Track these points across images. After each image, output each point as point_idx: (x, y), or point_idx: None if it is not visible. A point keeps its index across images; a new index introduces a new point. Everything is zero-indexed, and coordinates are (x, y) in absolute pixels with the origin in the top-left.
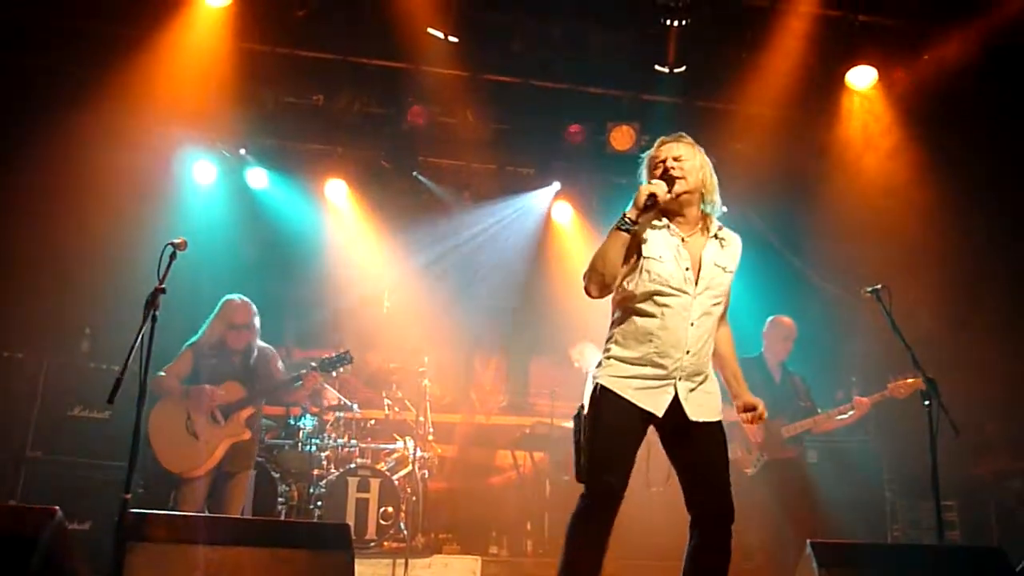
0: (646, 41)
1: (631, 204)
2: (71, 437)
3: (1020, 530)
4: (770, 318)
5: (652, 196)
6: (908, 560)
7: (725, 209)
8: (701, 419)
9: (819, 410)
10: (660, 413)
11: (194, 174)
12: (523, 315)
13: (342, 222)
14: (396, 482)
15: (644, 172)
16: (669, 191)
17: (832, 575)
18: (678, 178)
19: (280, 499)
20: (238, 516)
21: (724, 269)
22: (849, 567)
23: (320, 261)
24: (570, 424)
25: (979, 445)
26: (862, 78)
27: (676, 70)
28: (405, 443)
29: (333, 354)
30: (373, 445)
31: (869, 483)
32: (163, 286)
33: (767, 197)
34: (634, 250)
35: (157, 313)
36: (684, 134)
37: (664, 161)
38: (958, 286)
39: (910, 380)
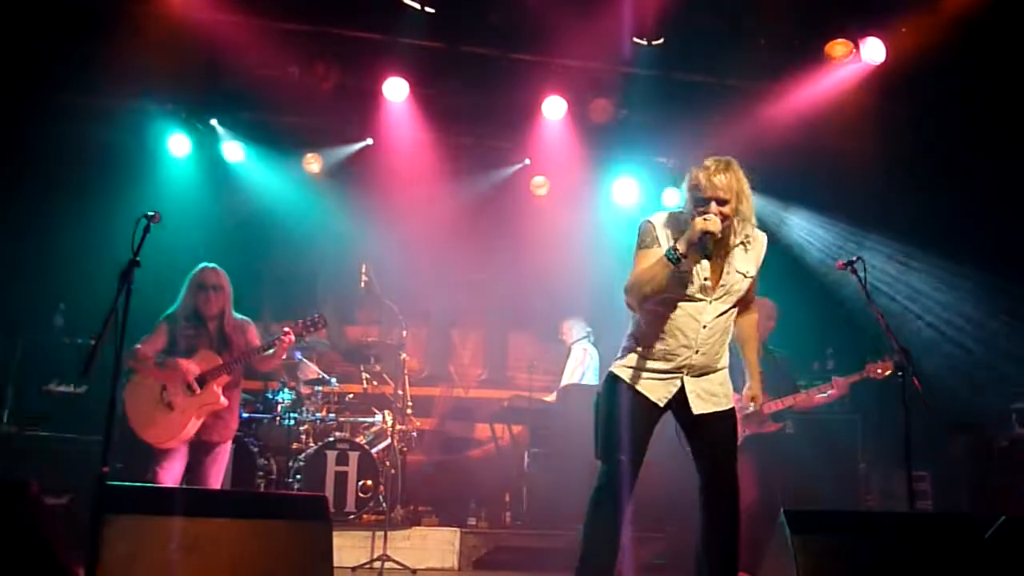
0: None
1: (684, 237)
2: (47, 412)
3: (990, 500)
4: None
5: (707, 234)
6: (878, 526)
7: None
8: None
9: (800, 388)
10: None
11: (169, 147)
12: (501, 289)
13: (319, 196)
14: (375, 455)
15: (687, 195)
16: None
17: (805, 542)
18: (724, 222)
19: (259, 473)
20: (216, 488)
21: (745, 275)
22: (821, 533)
23: (297, 235)
24: (549, 397)
25: (953, 418)
26: (839, 51)
27: (655, 42)
28: (384, 416)
29: (307, 319)
30: (352, 419)
31: (845, 455)
32: (137, 259)
33: (746, 170)
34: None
35: (131, 287)
36: (730, 161)
37: (712, 200)
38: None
39: (887, 361)
